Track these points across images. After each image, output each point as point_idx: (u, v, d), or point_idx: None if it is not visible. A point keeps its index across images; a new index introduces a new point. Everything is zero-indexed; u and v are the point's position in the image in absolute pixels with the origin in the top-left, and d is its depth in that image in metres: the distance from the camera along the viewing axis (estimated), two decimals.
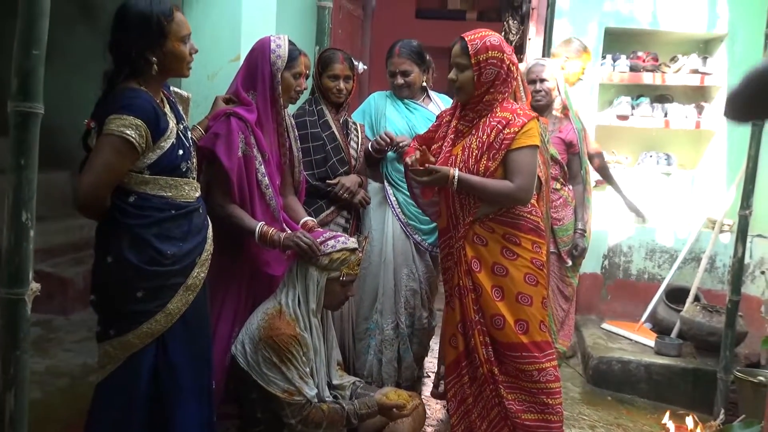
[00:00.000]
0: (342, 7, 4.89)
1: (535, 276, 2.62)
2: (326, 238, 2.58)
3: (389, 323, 3.31)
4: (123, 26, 2.04)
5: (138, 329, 2.09)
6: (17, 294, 1.56)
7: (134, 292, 2.07)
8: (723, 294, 4.13)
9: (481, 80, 2.55)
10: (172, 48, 2.09)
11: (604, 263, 4.78)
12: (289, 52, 2.62)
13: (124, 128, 1.97)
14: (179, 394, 2.18)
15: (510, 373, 2.63)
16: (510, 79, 2.61)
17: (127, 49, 2.04)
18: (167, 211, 2.11)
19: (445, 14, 8.91)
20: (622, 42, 4.91)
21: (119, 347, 2.10)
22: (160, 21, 2.04)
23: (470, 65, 2.54)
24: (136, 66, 2.06)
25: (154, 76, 2.10)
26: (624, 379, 3.92)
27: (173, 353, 2.16)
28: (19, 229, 1.55)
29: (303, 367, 2.50)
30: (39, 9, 1.52)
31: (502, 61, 2.55)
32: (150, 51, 2.05)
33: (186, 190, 2.17)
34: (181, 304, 2.15)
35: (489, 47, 2.53)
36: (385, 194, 3.32)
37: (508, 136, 2.54)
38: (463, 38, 2.59)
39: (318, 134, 3.12)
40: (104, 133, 1.98)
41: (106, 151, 1.98)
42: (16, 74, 1.54)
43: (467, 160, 2.60)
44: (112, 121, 1.98)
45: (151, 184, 2.08)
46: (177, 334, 2.16)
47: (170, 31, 2.07)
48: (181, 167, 2.15)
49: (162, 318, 2.12)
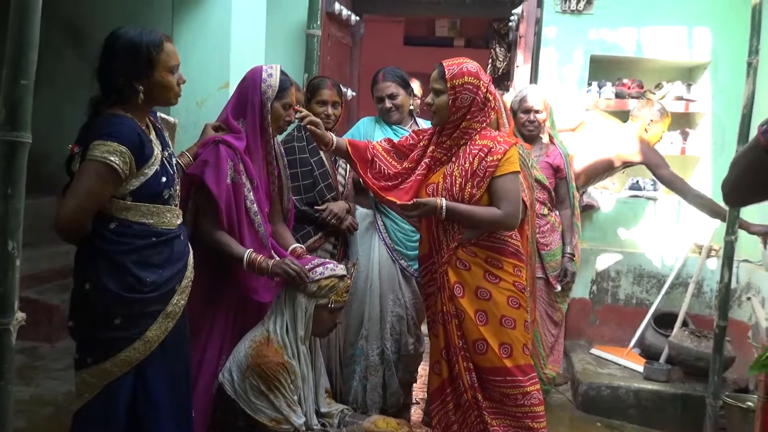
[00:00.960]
0: (331, 34, 4.93)
1: (518, 299, 2.64)
2: (314, 265, 2.58)
3: (375, 349, 3.30)
4: (112, 54, 2.05)
5: (116, 357, 2.06)
6: (2, 324, 1.55)
7: (112, 319, 2.05)
8: (711, 319, 4.15)
9: (456, 104, 2.60)
10: (160, 78, 2.09)
11: (592, 288, 4.79)
12: (281, 82, 2.63)
13: (108, 154, 1.97)
14: (157, 423, 2.15)
15: (494, 399, 2.63)
16: (487, 108, 2.65)
17: (114, 76, 2.05)
18: (148, 238, 2.09)
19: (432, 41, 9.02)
20: (607, 69, 4.98)
21: (97, 375, 2.07)
22: (149, 51, 2.05)
23: (446, 89, 2.59)
24: (123, 94, 2.06)
25: (140, 104, 2.10)
26: (613, 405, 3.91)
27: (152, 381, 2.13)
28: (4, 259, 1.53)
29: (291, 395, 2.48)
30: (28, 39, 1.53)
31: (477, 87, 2.59)
32: (137, 80, 2.05)
33: (168, 217, 2.16)
34: (160, 331, 2.13)
35: (465, 73, 2.59)
36: (373, 219, 3.33)
37: (492, 164, 2.58)
38: (441, 64, 2.65)
39: (306, 160, 3.14)
40: (87, 158, 1.98)
41: (89, 177, 1.98)
42: (4, 103, 1.54)
43: (450, 188, 2.62)
44: (96, 147, 1.97)
45: (132, 210, 2.07)
46: (156, 362, 2.13)
47: (159, 61, 2.07)
48: (164, 194, 2.14)
49: (140, 346, 2.09)
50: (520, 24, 4.83)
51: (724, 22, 4.66)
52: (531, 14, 4.75)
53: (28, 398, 3.31)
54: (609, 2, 4.74)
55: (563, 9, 4.78)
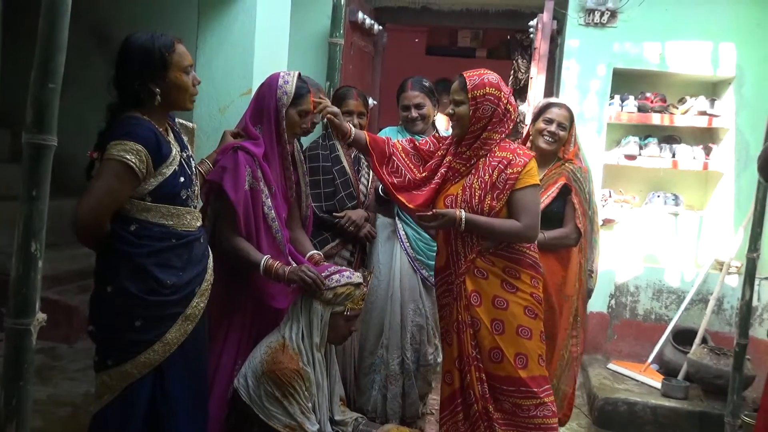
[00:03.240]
0: (353, 43, 4.95)
1: (534, 310, 2.63)
2: (331, 272, 2.58)
3: (395, 358, 3.30)
4: (126, 59, 2.09)
5: (136, 359, 2.08)
6: (23, 324, 1.57)
7: (133, 321, 2.07)
8: (731, 336, 4.09)
9: (477, 115, 2.59)
10: (175, 78, 2.12)
11: (610, 302, 4.75)
12: (297, 89, 2.64)
13: (125, 153, 1.99)
14: (175, 425, 2.17)
15: (506, 410, 2.61)
16: (507, 120, 2.65)
17: (130, 81, 2.08)
18: (168, 240, 2.11)
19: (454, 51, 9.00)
20: (630, 83, 4.95)
21: (117, 377, 2.09)
22: (161, 52, 2.08)
23: (467, 100, 2.59)
24: (140, 97, 2.09)
25: (157, 107, 2.12)
26: (630, 421, 3.87)
27: (171, 383, 2.15)
28: (27, 260, 1.56)
29: (305, 402, 2.48)
30: (57, 43, 1.56)
31: (499, 99, 2.59)
32: (153, 82, 2.08)
33: (187, 219, 2.17)
34: (180, 334, 2.15)
35: (486, 84, 2.58)
36: (395, 228, 3.33)
37: (512, 176, 2.58)
38: (462, 75, 2.65)
39: (329, 168, 3.16)
40: (105, 158, 2.01)
41: (107, 176, 2.00)
42: (31, 106, 1.56)
43: (469, 200, 2.62)
44: (113, 147, 2.00)
45: (152, 211, 2.09)
46: (175, 364, 2.15)
47: (172, 62, 2.11)
48: (182, 195, 2.15)
49: (160, 348, 2.11)
50: (536, 35, 4.83)
51: (750, 37, 4.62)
52: (546, 26, 4.74)
53: (45, 398, 3.34)
54: (633, 15, 4.71)
55: (587, 22, 4.77)
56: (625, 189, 5.06)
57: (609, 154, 4.92)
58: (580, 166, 3.28)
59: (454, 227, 2.61)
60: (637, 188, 5.09)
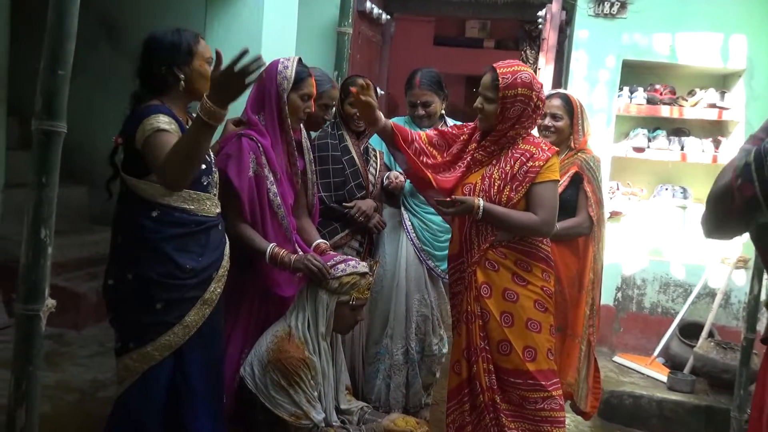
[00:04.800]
0: (361, 33, 4.94)
1: (545, 303, 2.62)
2: (337, 261, 2.59)
3: (399, 348, 3.30)
4: (154, 48, 2.19)
5: (157, 341, 2.15)
6: (33, 310, 1.58)
7: (153, 304, 2.13)
8: (737, 331, 4.09)
9: (506, 115, 2.55)
10: (198, 67, 2.22)
11: (617, 295, 4.74)
12: (297, 73, 2.64)
13: (159, 124, 2.08)
14: (194, 406, 2.23)
15: (513, 402, 2.61)
16: (536, 115, 2.62)
17: (157, 68, 2.17)
18: (188, 226, 2.17)
19: (462, 42, 8.98)
20: (639, 74, 4.92)
21: (139, 360, 2.15)
22: (188, 42, 2.20)
23: (497, 99, 2.54)
24: (165, 83, 2.18)
25: (180, 95, 2.21)
26: (635, 414, 3.87)
27: (190, 366, 2.21)
28: (37, 246, 1.57)
29: (311, 390, 2.49)
30: (66, 31, 1.56)
31: (530, 98, 2.54)
32: (179, 68, 2.18)
33: (207, 205, 2.23)
34: (198, 317, 2.21)
35: (519, 84, 2.52)
36: (401, 219, 3.33)
37: (533, 170, 2.56)
38: (494, 69, 2.57)
39: (338, 158, 3.16)
40: (147, 135, 2.07)
41: (162, 144, 2.05)
42: (41, 93, 1.57)
43: (488, 189, 2.60)
44: (147, 124, 2.07)
45: (174, 195, 2.14)
46: (194, 347, 2.22)
47: (197, 51, 2.22)
48: (202, 181, 2.22)
49: (180, 330, 2.17)
50: (545, 26, 4.80)
51: (761, 29, 4.59)
52: (555, 17, 4.72)
53: (53, 384, 3.35)
54: (643, 6, 4.69)
55: (596, 12, 4.74)
56: (633, 181, 5.04)
57: (617, 146, 4.90)
58: (592, 155, 3.28)
59: (471, 215, 2.59)
60: (645, 181, 5.07)
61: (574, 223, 3.16)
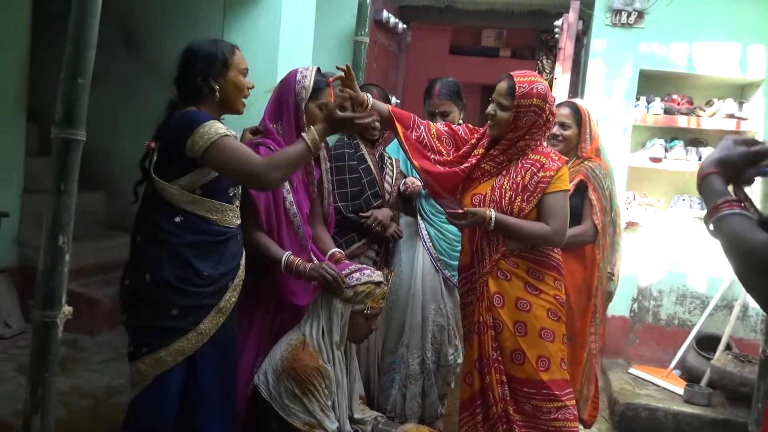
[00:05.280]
0: (378, 41, 4.96)
1: (557, 312, 2.61)
2: (351, 270, 2.58)
3: (415, 358, 3.29)
4: (191, 59, 2.23)
5: (170, 346, 2.16)
6: (50, 317, 1.59)
7: (169, 309, 2.15)
8: (756, 343, 4.03)
9: (518, 124, 2.55)
10: (234, 78, 2.26)
11: (633, 306, 4.70)
12: (315, 83, 2.64)
13: (221, 129, 2.12)
14: (206, 413, 2.24)
15: (527, 413, 2.59)
16: (546, 128, 2.62)
17: (193, 78, 2.21)
18: (209, 235, 2.20)
19: (478, 51, 8.95)
20: (656, 84, 4.89)
21: (152, 364, 2.16)
22: (224, 53, 2.24)
23: (511, 107, 2.54)
24: (201, 93, 2.22)
25: (214, 105, 2.25)
26: (651, 427, 3.83)
27: (203, 373, 2.23)
28: (55, 253, 1.58)
29: (325, 399, 2.48)
30: (87, 41, 1.58)
31: (543, 110, 2.55)
32: (215, 79, 2.22)
33: (230, 216, 2.27)
34: (212, 325, 2.23)
35: (534, 95, 2.52)
36: (417, 228, 3.32)
37: (544, 180, 2.56)
38: (511, 77, 2.58)
39: (354, 167, 3.16)
40: (212, 141, 2.09)
41: (231, 149, 2.12)
42: (61, 101, 1.58)
43: (499, 200, 2.59)
44: (209, 129, 2.10)
45: (199, 204, 2.18)
46: (207, 354, 2.23)
47: (233, 62, 2.26)
48: (229, 192, 2.26)
49: (193, 337, 2.19)
50: (561, 35, 4.79)
51: None
52: (572, 26, 4.70)
53: (68, 389, 3.37)
54: (661, 16, 4.66)
55: (613, 22, 4.72)
56: (649, 192, 5.00)
57: (634, 156, 4.87)
58: (599, 163, 3.26)
59: (483, 226, 2.58)
60: (661, 191, 5.03)
61: (579, 231, 3.15)
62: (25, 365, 1.68)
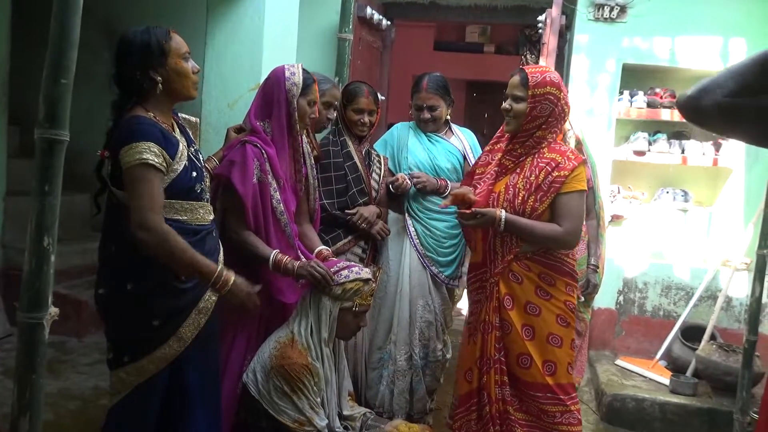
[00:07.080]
0: (362, 38, 4.96)
1: (567, 318, 2.60)
2: (340, 268, 2.58)
3: (403, 354, 3.30)
4: (125, 53, 2.09)
5: (152, 354, 2.11)
6: (36, 318, 1.58)
7: (151, 320, 2.09)
8: (740, 333, 4.08)
9: (534, 113, 2.54)
10: (175, 65, 2.12)
11: (618, 299, 4.74)
12: (303, 79, 2.64)
13: (140, 154, 1.99)
14: (191, 416, 2.21)
15: (531, 412, 2.60)
16: (562, 120, 2.62)
17: (131, 72, 2.08)
18: (183, 236, 2.10)
19: (462, 47, 8.98)
20: (639, 78, 4.92)
21: (134, 373, 2.12)
22: (159, 41, 2.09)
23: (526, 97, 2.54)
24: (142, 88, 2.10)
25: (161, 98, 2.13)
26: (638, 418, 3.87)
27: (187, 375, 2.19)
28: (40, 254, 1.57)
29: (314, 397, 2.49)
30: (69, 40, 1.56)
31: (558, 98, 2.55)
32: (154, 70, 2.09)
33: (201, 213, 2.20)
34: (193, 328, 2.17)
35: (548, 83, 2.53)
36: (405, 225, 3.33)
37: (558, 180, 2.53)
38: (523, 70, 2.59)
39: (340, 164, 3.15)
40: (125, 167, 2.00)
41: (138, 183, 2.00)
42: (43, 101, 1.57)
43: (512, 199, 2.58)
44: (127, 153, 2.00)
45: (167, 207, 2.09)
46: (190, 357, 2.19)
47: (170, 49, 2.11)
48: (196, 189, 2.17)
49: (175, 343, 2.14)
50: (545, 31, 4.81)
51: (761, 32, 4.58)
52: (555, 21, 4.72)
53: (56, 392, 3.36)
54: (643, 11, 4.69)
55: (596, 17, 4.74)
56: (633, 185, 5.04)
57: (618, 149, 4.90)
58: None
59: (493, 227, 2.57)
60: (646, 184, 5.07)
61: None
62: (12, 368, 1.67)
